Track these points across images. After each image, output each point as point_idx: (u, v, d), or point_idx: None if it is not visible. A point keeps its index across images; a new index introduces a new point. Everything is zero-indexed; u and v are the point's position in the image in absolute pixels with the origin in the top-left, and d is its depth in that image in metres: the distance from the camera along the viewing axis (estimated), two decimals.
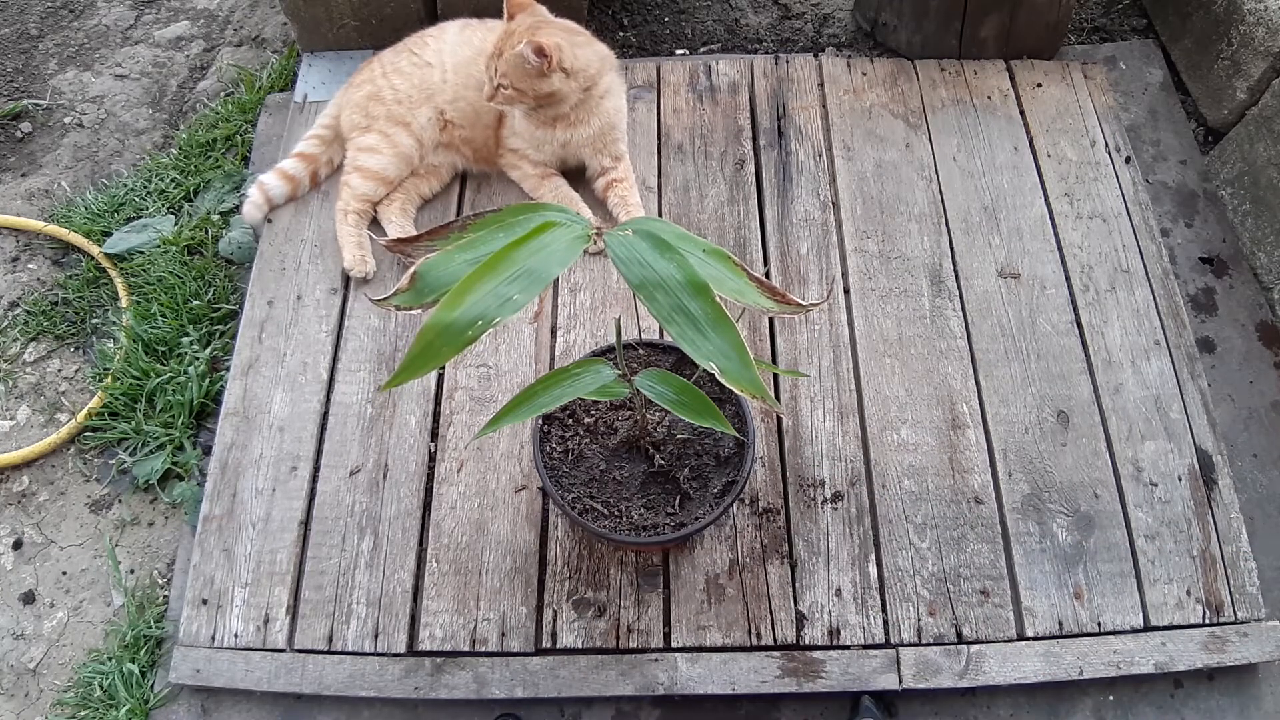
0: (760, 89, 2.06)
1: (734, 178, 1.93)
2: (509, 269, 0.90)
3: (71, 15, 2.42)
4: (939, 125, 1.99)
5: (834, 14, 2.28)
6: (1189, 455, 1.62)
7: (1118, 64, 2.15)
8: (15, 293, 1.97)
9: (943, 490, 1.59)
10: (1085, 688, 1.49)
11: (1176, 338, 1.73)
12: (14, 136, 2.20)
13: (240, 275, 1.93)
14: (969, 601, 1.50)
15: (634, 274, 0.93)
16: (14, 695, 1.56)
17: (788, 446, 1.62)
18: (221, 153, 2.12)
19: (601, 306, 1.77)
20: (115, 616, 1.62)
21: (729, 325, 0.92)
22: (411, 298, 0.96)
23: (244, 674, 1.47)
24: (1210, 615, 1.49)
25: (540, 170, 1.85)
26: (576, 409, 1.45)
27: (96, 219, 2.01)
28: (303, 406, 1.69)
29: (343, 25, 2.09)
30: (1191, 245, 1.92)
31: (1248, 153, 1.87)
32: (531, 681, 1.44)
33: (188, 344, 1.82)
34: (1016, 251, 1.83)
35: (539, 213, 0.97)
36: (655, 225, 0.96)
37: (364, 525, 1.58)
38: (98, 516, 1.73)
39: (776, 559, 1.53)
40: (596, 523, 1.35)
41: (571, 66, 1.66)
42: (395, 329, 1.76)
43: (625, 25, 2.31)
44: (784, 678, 1.44)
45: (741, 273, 1.00)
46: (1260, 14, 1.86)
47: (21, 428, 1.82)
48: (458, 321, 0.88)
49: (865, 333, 1.73)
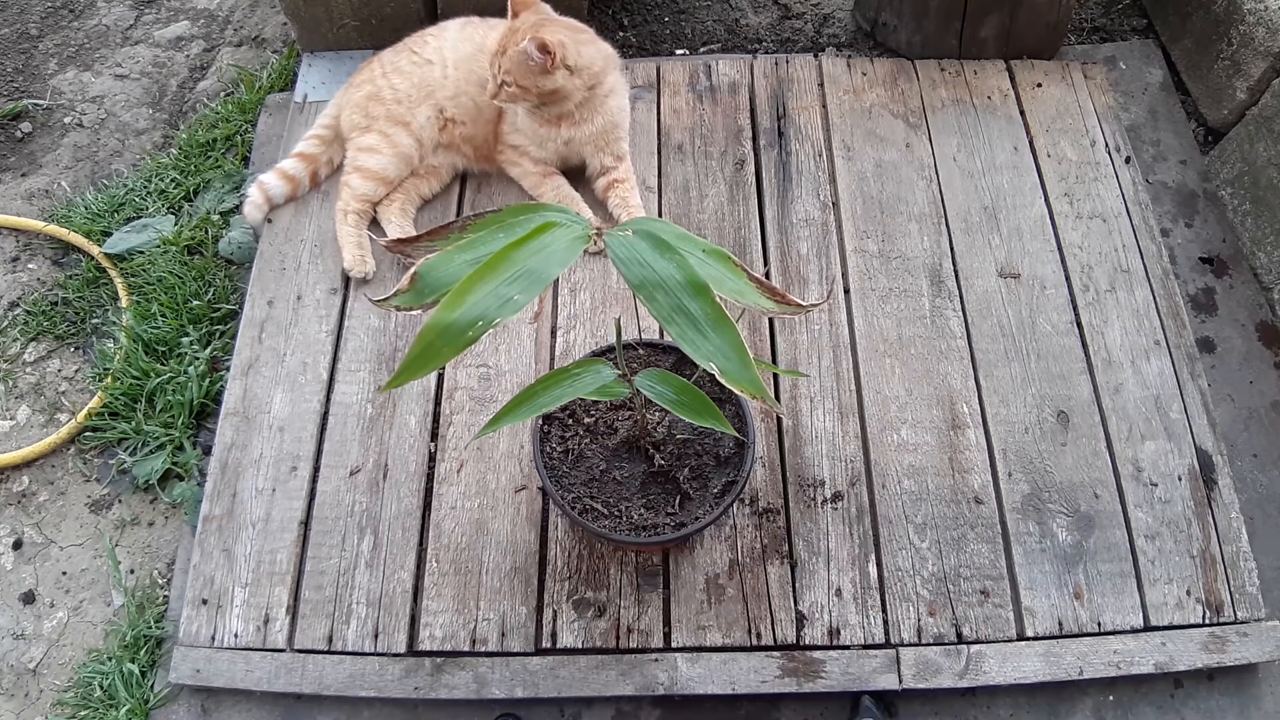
0: (760, 89, 2.06)
1: (734, 178, 1.93)
2: (509, 269, 0.90)
3: (71, 15, 2.42)
4: (939, 125, 1.99)
5: (834, 14, 2.28)
6: (1189, 455, 1.62)
7: (1118, 64, 2.15)
8: (15, 293, 1.97)
9: (943, 490, 1.59)
10: (1085, 688, 1.49)
11: (1176, 338, 1.73)
12: (14, 136, 2.20)
13: (240, 275, 1.93)
14: (969, 601, 1.50)
15: (634, 274, 0.93)
16: (14, 695, 1.57)
17: (788, 446, 1.62)
18: (221, 153, 2.12)
19: (601, 306, 1.77)
20: (115, 616, 1.62)
21: (729, 325, 0.92)
22: (412, 298, 0.96)
23: (244, 674, 1.47)
24: (1210, 615, 1.49)
25: (541, 168, 1.85)
26: (576, 409, 1.45)
27: (96, 219, 2.01)
28: (303, 406, 1.69)
29: (343, 25, 2.09)
30: (1191, 245, 1.92)
31: (1248, 153, 1.87)
32: (531, 681, 1.44)
33: (188, 344, 1.82)
34: (1016, 251, 1.83)
35: (539, 213, 0.97)
36: (655, 225, 0.96)
37: (364, 525, 1.58)
38: (98, 516, 1.73)
39: (776, 559, 1.53)
40: (596, 523, 1.35)
41: (575, 64, 1.66)
42: (395, 329, 1.76)
43: (625, 25, 2.31)
44: (784, 678, 1.44)
45: (741, 273, 1.00)
46: (1260, 14, 1.86)
47: (21, 428, 1.82)
48: (458, 322, 0.88)
49: (865, 333, 1.73)
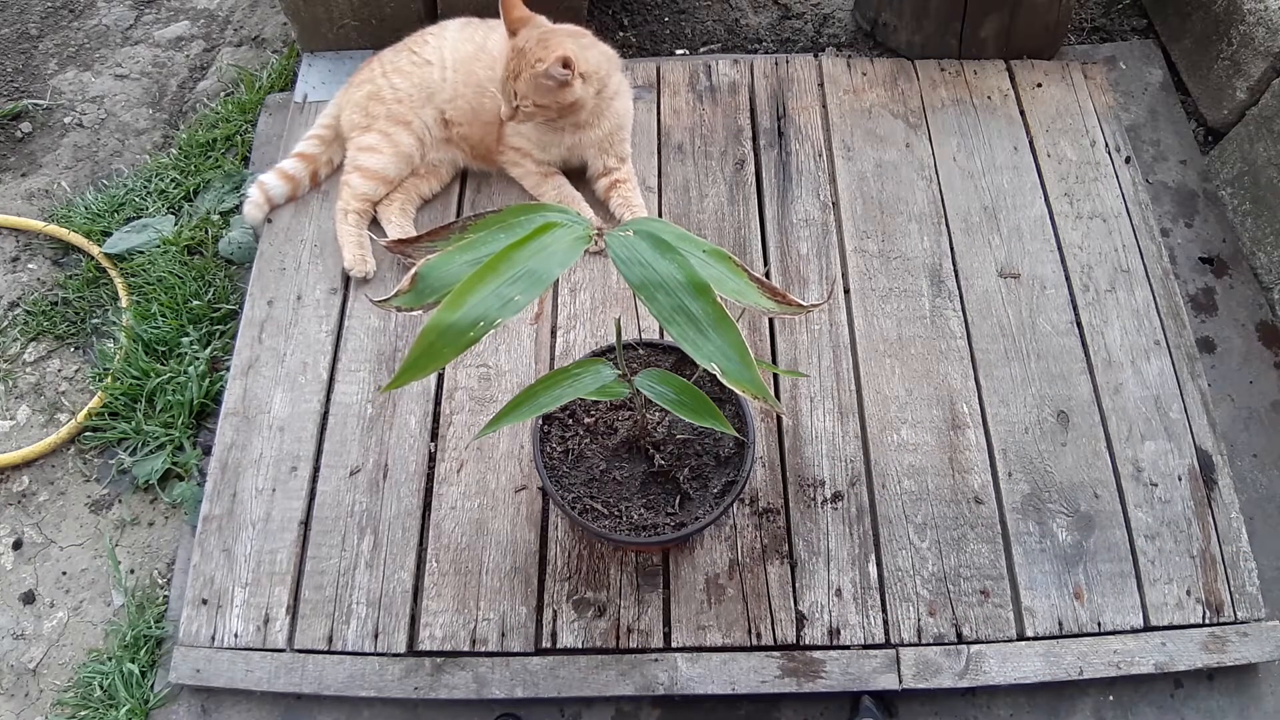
0: (760, 89, 2.06)
1: (734, 178, 1.93)
2: (510, 270, 0.90)
3: (71, 15, 2.42)
4: (939, 125, 1.99)
5: (834, 14, 2.28)
6: (1189, 455, 1.62)
7: (1118, 64, 2.15)
8: (15, 293, 1.97)
9: (943, 490, 1.59)
10: (1085, 688, 1.49)
11: (1176, 338, 1.73)
12: (14, 136, 2.20)
13: (240, 275, 1.93)
14: (969, 601, 1.50)
15: (635, 274, 0.93)
16: (14, 695, 1.56)
17: (788, 446, 1.62)
18: (221, 153, 2.12)
19: (601, 306, 1.77)
20: (115, 616, 1.62)
21: (730, 325, 0.92)
22: (412, 299, 0.96)
23: (244, 674, 1.47)
24: (1210, 615, 1.49)
25: (542, 169, 1.85)
26: (576, 409, 1.45)
27: (96, 219, 2.01)
28: (303, 406, 1.69)
29: (343, 25, 2.09)
30: (1191, 245, 1.92)
31: (1248, 153, 1.87)
32: (531, 681, 1.44)
33: (188, 344, 1.82)
34: (1016, 251, 1.83)
35: (539, 213, 0.97)
36: (655, 226, 0.96)
37: (364, 525, 1.58)
38: (98, 516, 1.73)
39: (776, 559, 1.53)
40: (596, 523, 1.35)
41: (586, 70, 1.65)
42: (395, 329, 1.76)
43: (625, 25, 2.31)
44: (784, 678, 1.44)
45: (742, 273, 1.00)
46: (1260, 14, 1.86)
47: (21, 428, 1.82)
48: (459, 323, 0.88)
49: (865, 333, 1.73)
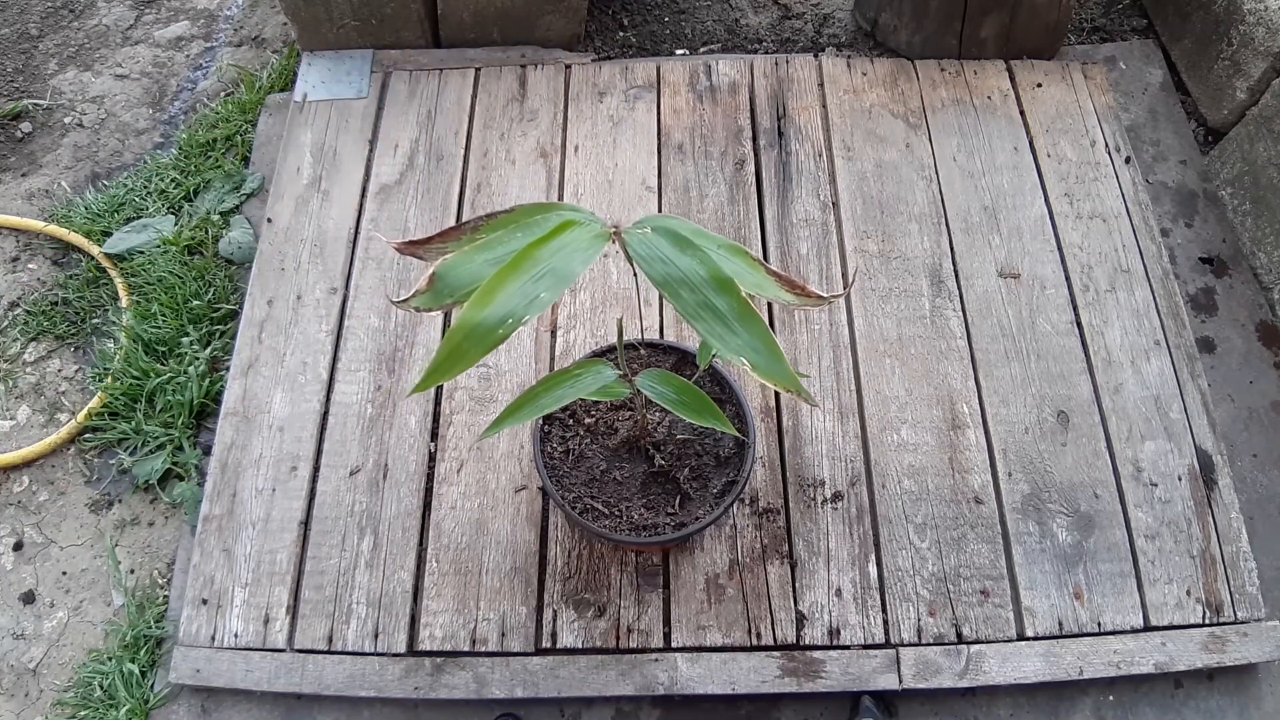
0: (760, 89, 2.06)
1: (734, 178, 1.93)
2: (534, 268, 0.89)
3: (71, 15, 2.42)
4: (939, 125, 1.99)
5: (834, 14, 2.28)
6: (1189, 455, 1.62)
7: (1118, 64, 2.15)
8: (15, 293, 1.97)
9: (943, 490, 1.59)
10: (1085, 688, 1.49)
11: (1176, 338, 1.73)
12: (14, 136, 2.20)
13: (240, 275, 1.93)
14: (969, 601, 1.50)
15: (656, 271, 0.92)
16: (14, 695, 1.56)
17: (788, 446, 1.62)
18: (221, 153, 2.11)
19: (601, 306, 1.77)
20: (115, 616, 1.62)
21: (757, 320, 0.91)
22: (430, 299, 0.95)
23: (244, 674, 1.47)
24: (1210, 615, 1.49)
25: None
26: (577, 409, 1.45)
27: (96, 219, 2.01)
28: (303, 406, 1.69)
29: (343, 25, 2.09)
30: (1191, 245, 1.92)
31: (1248, 153, 1.87)
32: (531, 681, 1.44)
33: (188, 344, 1.82)
34: (1016, 251, 1.83)
35: (555, 212, 0.96)
36: (672, 222, 0.95)
37: (364, 525, 1.58)
38: (98, 516, 1.72)
39: (776, 559, 1.53)
40: (597, 523, 1.35)
41: None
42: (395, 329, 1.76)
43: (625, 25, 2.30)
44: (784, 678, 1.44)
45: (759, 267, 0.99)
46: (1260, 14, 1.86)
47: (21, 428, 1.82)
48: (487, 320, 0.87)
49: (865, 333, 1.73)
